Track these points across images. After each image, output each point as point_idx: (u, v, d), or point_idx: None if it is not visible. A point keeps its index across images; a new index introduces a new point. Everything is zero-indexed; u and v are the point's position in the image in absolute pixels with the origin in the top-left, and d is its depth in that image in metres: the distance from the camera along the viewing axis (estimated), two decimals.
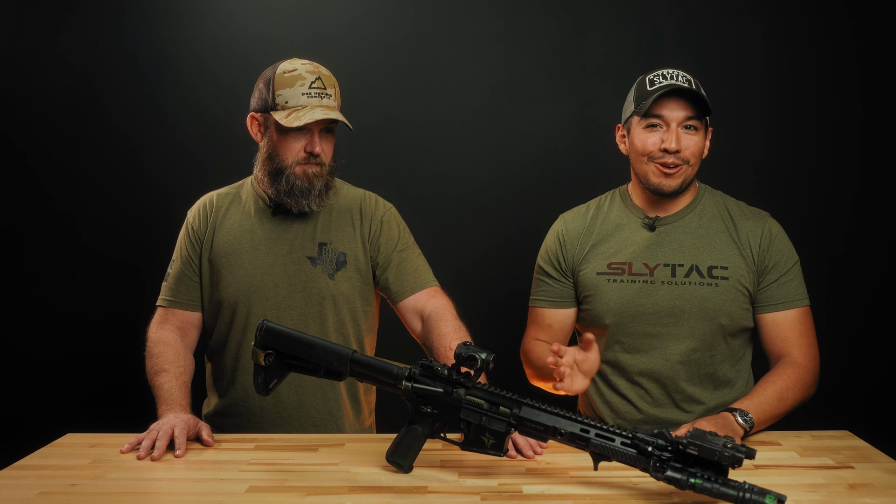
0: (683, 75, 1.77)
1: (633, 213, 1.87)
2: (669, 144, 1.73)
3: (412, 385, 1.40)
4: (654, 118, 1.75)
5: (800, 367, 1.72)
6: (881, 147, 2.59)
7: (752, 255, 1.79)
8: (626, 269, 1.82)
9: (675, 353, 1.78)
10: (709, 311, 1.76)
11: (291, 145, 1.79)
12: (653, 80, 1.78)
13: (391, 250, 1.89)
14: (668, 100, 1.74)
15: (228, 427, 1.88)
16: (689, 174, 1.78)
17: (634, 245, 1.83)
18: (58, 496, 1.34)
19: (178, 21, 2.62)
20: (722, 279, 1.77)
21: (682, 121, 1.74)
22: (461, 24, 2.63)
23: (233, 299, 1.85)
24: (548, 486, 1.36)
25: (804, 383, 1.71)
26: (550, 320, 1.91)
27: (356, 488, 1.36)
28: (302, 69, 1.79)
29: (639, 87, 1.81)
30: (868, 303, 2.61)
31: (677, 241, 1.81)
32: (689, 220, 1.83)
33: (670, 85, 1.73)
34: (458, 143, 2.65)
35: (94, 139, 2.64)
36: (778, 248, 1.79)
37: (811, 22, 2.57)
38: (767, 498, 1.18)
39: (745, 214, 1.84)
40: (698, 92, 1.74)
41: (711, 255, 1.79)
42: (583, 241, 1.88)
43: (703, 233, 1.82)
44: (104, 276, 2.66)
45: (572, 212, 1.95)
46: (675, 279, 1.79)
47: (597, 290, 1.83)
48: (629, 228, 1.85)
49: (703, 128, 1.77)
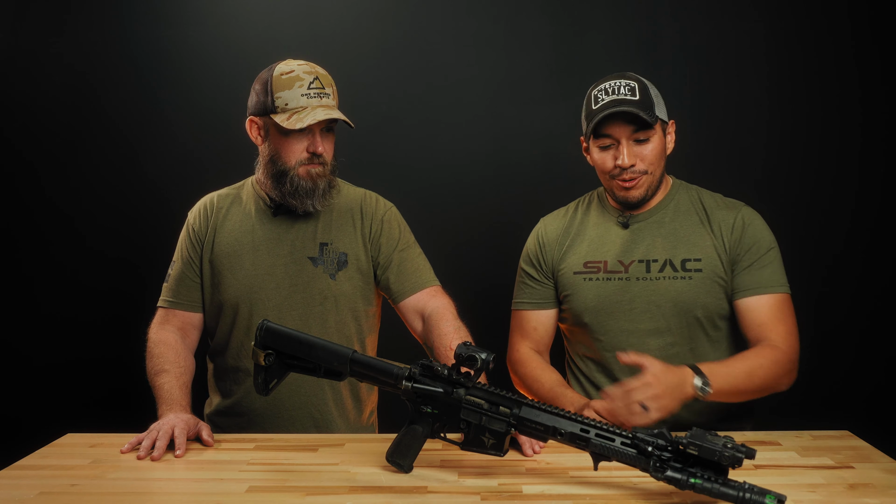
0: (626, 84, 1.76)
1: (608, 212, 1.89)
2: (622, 162, 1.75)
3: (412, 385, 1.40)
4: (604, 138, 1.76)
5: (776, 349, 1.71)
6: (881, 147, 2.58)
7: (725, 244, 1.79)
8: (602, 267, 1.84)
9: (654, 348, 1.79)
10: (684, 305, 1.78)
11: (293, 147, 1.79)
12: (597, 96, 1.78)
13: (392, 250, 1.89)
14: (611, 119, 1.73)
15: (229, 427, 1.88)
16: (652, 181, 1.79)
17: (609, 243, 1.85)
18: (58, 496, 1.34)
19: (178, 21, 2.61)
20: (696, 271, 1.78)
21: (629, 135, 1.74)
22: (461, 24, 2.63)
23: (234, 300, 1.85)
24: (548, 486, 1.36)
25: (778, 365, 1.70)
26: (535, 323, 1.92)
27: (356, 488, 1.36)
28: (299, 70, 1.78)
29: (587, 103, 1.81)
30: (868, 302, 2.61)
31: (651, 237, 1.83)
32: (663, 215, 1.85)
33: (611, 104, 1.73)
34: (458, 142, 2.65)
35: (94, 139, 2.64)
36: (751, 234, 1.79)
37: (811, 22, 2.57)
38: (767, 498, 1.18)
39: (719, 205, 1.85)
40: (638, 107, 1.71)
41: (685, 249, 1.80)
42: (561, 242, 1.91)
43: (677, 227, 1.83)
44: (104, 276, 2.66)
45: (552, 214, 1.99)
46: (649, 275, 1.80)
47: (574, 289, 1.85)
48: (605, 227, 1.88)
49: (656, 131, 1.77)
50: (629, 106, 1.72)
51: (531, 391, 1.85)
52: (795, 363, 1.74)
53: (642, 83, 1.77)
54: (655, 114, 1.75)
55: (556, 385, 1.79)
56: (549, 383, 1.80)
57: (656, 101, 1.78)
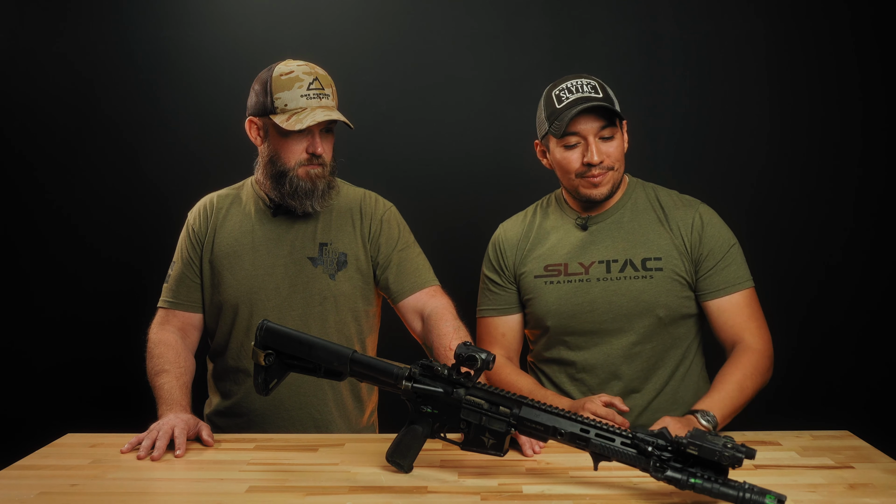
0: (588, 83, 1.77)
1: (567, 215, 1.89)
2: (591, 158, 1.75)
3: (412, 385, 1.40)
4: (571, 136, 1.76)
5: (755, 352, 1.72)
6: (882, 147, 2.58)
7: (685, 243, 1.80)
8: (562, 269, 1.84)
9: (617, 348, 1.80)
10: (645, 304, 1.78)
11: (293, 147, 1.79)
12: (559, 95, 1.77)
13: (391, 250, 1.89)
14: (580, 115, 1.74)
15: (229, 427, 1.88)
16: (616, 178, 1.80)
17: (569, 245, 1.85)
18: (58, 496, 1.34)
19: (178, 21, 2.61)
20: (656, 270, 1.78)
21: (597, 132, 1.75)
22: (461, 24, 2.63)
23: (234, 301, 1.85)
24: (548, 486, 1.36)
25: (761, 369, 1.71)
26: (504, 329, 1.91)
27: (356, 488, 1.36)
28: (298, 70, 1.78)
29: (547, 103, 1.80)
30: (868, 303, 2.61)
31: (610, 238, 1.83)
32: (621, 215, 1.85)
33: (578, 101, 1.73)
34: (458, 142, 2.65)
35: (94, 139, 2.64)
36: (710, 234, 1.80)
37: (811, 22, 2.57)
38: (767, 498, 1.18)
39: (676, 204, 1.85)
40: (606, 103, 1.73)
41: (644, 248, 1.80)
42: (521, 246, 1.90)
43: (635, 226, 1.83)
44: (104, 276, 2.66)
45: (510, 219, 1.98)
46: (609, 275, 1.80)
47: (536, 292, 1.85)
48: (563, 230, 1.88)
49: (618, 129, 1.78)
50: (599, 101, 1.72)
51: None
52: (772, 356, 1.76)
53: (601, 82, 1.79)
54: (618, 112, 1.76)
55: (534, 389, 1.80)
56: (526, 388, 1.80)
57: (615, 99, 1.79)
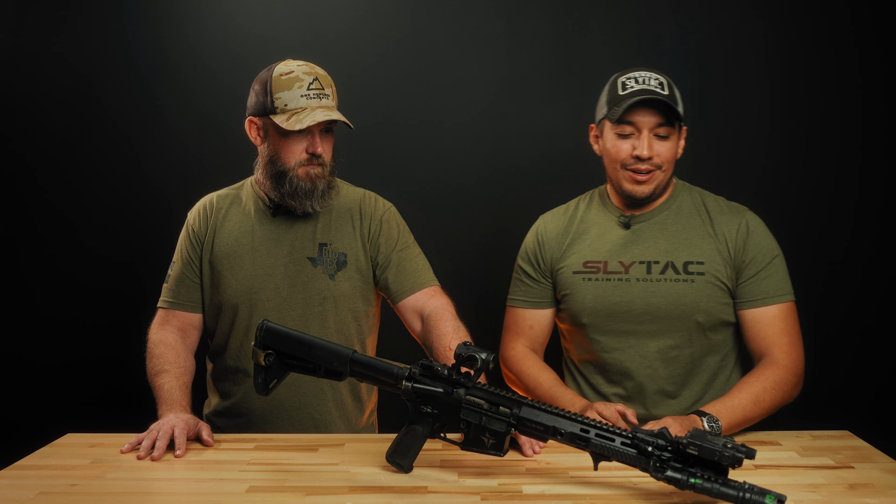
0: (657, 78, 1.75)
1: (609, 211, 1.87)
2: (641, 152, 1.72)
3: (412, 385, 1.40)
4: (626, 125, 1.74)
5: (780, 367, 1.69)
6: (882, 147, 2.58)
7: (729, 249, 1.77)
8: (602, 267, 1.82)
9: (653, 351, 1.78)
10: (685, 308, 1.76)
11: (293, 147, 1.79)
12: (625, 83, 1.75)
13: (391, 250, 1.89)
14: (639, 106, 1.72)
15: (229, 427, 1.88)
16: (662, 179, 1.78)
17: (610, 243, 1.83)
18: (58, 496, 1.34)
19: (178, 21, 2.61)
20: (698, 275, 1.76)
21: (653, 127, 1.73)
22: (461, 24, 2.63)
23: (234, 301, 1.85)
24: (548, 486, 1.36)
25: (784, 384, 1.68)
26: (531, 321, 1.91)
27: (356, 488, 1.36)
28: (298, 70, 1.78)
29: (611, 88, 1.78)
30: (868, 303, 2.61)
31: (652, 239, 1.81)
32: (665, 216, 1.83)
33: (642, 91, 1.71)
34: (458, 142, 2.65)
35: (94, 139, 2.64)
36: (755, 241, 1.77)
37: (811, 22, 2.57)
38: (767, 498, 1.18)
39: (723, 209, 1.83)
40: (670, 101, 1.71)
41: (687, 251, 1.78)
42: (560, 241, 1.89)
43: (679, 229, 1.81)
44: (104, 276, 2.66)
45: (552, 212, 1.96)
46: (650, 276, 1.78)
47: (573, 289, 1.83)
48: (605, 227, 1.86)
49: (675, 131, 1.76)
50: (662, 97, 1.70)
51: (528, 389, 1.83)
52: (800, 375, 1.73)
53: (670, 83, 1.76)
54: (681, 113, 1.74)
55: (555, 385, 1.79)
56: (547, 382, 1.79)
57: (680, 102, 1.76)
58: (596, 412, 1.59)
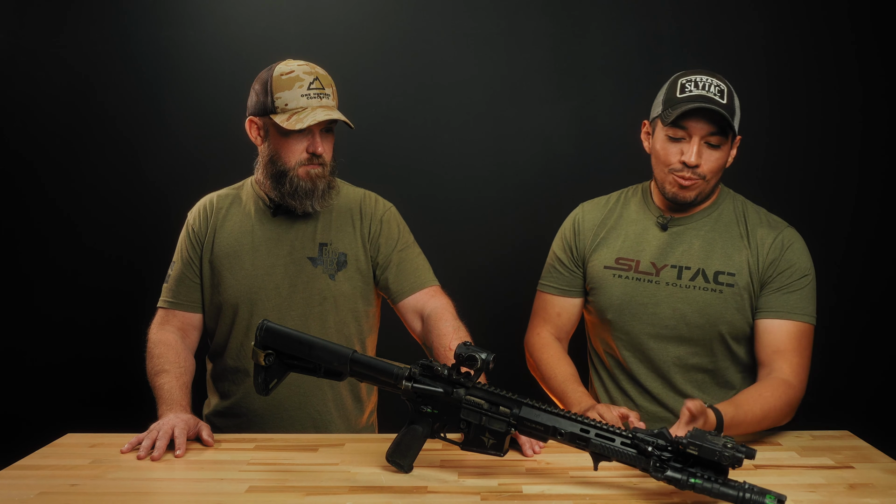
0: (717, 85, 1.69)
1: (650, 210, 1.85)
2: (689, 158, 1.68)
3: (412, 385, 1.40)
4: (679, 129, 1.69)
5: (792, 387, 1.64)
6: (881, 147, 2.58)
7: (759, 262, 1.74)
8: (634, 266, 1.80)
9: (673, 356, 1.77)
10: (709, 318, 1.74)
11: (293, 147, 1.79)
12: (685, 85, 1.70)
13: (391, 250, 1.89)
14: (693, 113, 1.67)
15: (229, 427, 1.88)
16: (706, 188, 1.74)
17: (645, 243, 1.81)
18: (58, 496, 1.34)
19: (178, 21, 2.61)
20: (727, 286, 1.73)
21: (705, 135, 1.68)
22: (461, 24, 2.63)
23: (234, 301, 1.85)
24: (548, 486, 1.36)
25: (789, 406, 1.63)
26: (559, 309, 1.89)
27: (356, 488, 1.36)
28: (299, 70, 1.78)
29: (670, 88, 1.73)
30: (868, 303, 2.61)
31: (688, 244, 1.79)
32: (704, 223, 1.80)
33: (700, 98, 1.66)
34: (458, 142, 2.65)
35: (94, 139, 2.64)
36: (789, 256, 1.73)
37: (811, 22, 2.57)
38: (767, 498, 1.18)
39: (762, 222, 1.79)
40: (726, 111, 1.66)
41: (720, 261, 1.76)
42: (596, 232, 1.87)
43: (716, 237, 1.78)
44: (104, 276, 2.66)
45: (592, 202, 1.94)
46: (680, 282, 1.76)
47: (602, 283, 1.82)
48: (643, 225, 1.83)
49: (727, 141, 1.71)
50: (718, 107, 1.65)
51: (543, 379, 1.83)
52: (800, 400, 1.68)
53: (731, 90, 1.71)
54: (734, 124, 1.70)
55: (568, 379, 1.77)
56: (562, 375, 1.77)
57: (738, 111, 1.72)
58: (597, 413, 1.59)
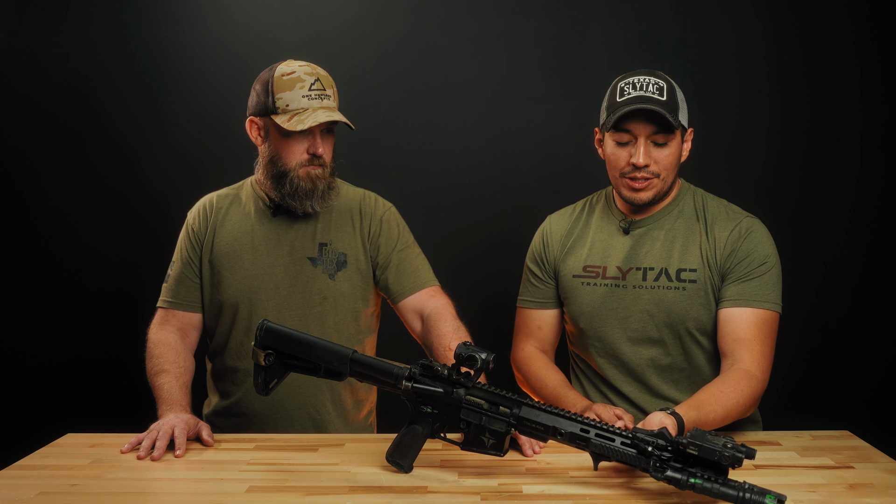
0: (655, 83, 1.68)
1: (613, 215, 1.85)
2: (637, 160, 1.68)
3: (412, 385, 1.40)
4: (623, 133, 1.69)
5: (754, 379, 1.61)
6: (880, 148, 2.58)
7: (717, 255, 1.73)
8: (601, 272, 1.81)
9: (646, 358, 1.77)
10: (677, 316, 1.73)
11: (294, 148, 1.79)
12: (623, 88, 1.70)
13: (391, 250, 1.89)
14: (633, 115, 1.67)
15: (229, 427, 1.88)
16: (662, 187, 1.73)
17: (610, 248, 1.82)
18: (58, 496, 1.34)
19: (178, 21, 2.61)
20: (690, 282, 1.73)
21: (649, 135, 1.68)
22: (461, 24, 2.63)
23: (234, 300, 1.85)
24: (548, 486, 1.36)
25: (752, 399, 1.60)
26: (539, 322, 1.90)
27: (356, 488, 1.36)
28: (300, 71, 1.78)
29: (611, 94, 1.73)
30: (867, 303, 2.61)
31: (650, 245, 1.78)
32: (664, 222, 1.79)
33: (637, 99, 1.66)
34: (458, 142, 2.65)
35: (94, 139, 2.64)
36: (747, 246, 1.71)
37: (811, 23, 2.57)
38: (767, 498, 1.18)
39: (722, 214, 1.78)
40: (664, 108, 1.65)
41: (680, 258, 1.75)
42: (563, 242, 1.88)
43: (676, 234, 1.78)
44: (104, 276, 2.66)
45: (558, 213, 1.95)
46: (645, 283, 1.76)
47: (572, 292, 1.83)
48: (607, 231, 1.84)
49: (675, 136, 1.70)
50: (655, 105, 1.64)
51: (534, 390, 1.83)
52: (763, 391, 1.65)
53: (671, 85, 1.70)
54: (679, 118, 1.69)
55: (559, 386, 1.78)
56: (552, 383, 1.78)
57: (681, 105, 1.71)
58: (595, 413, 1.59)
